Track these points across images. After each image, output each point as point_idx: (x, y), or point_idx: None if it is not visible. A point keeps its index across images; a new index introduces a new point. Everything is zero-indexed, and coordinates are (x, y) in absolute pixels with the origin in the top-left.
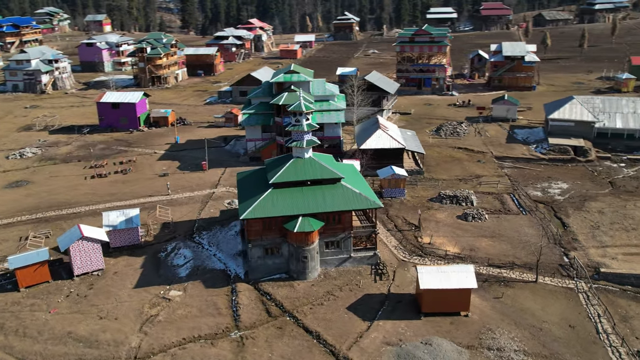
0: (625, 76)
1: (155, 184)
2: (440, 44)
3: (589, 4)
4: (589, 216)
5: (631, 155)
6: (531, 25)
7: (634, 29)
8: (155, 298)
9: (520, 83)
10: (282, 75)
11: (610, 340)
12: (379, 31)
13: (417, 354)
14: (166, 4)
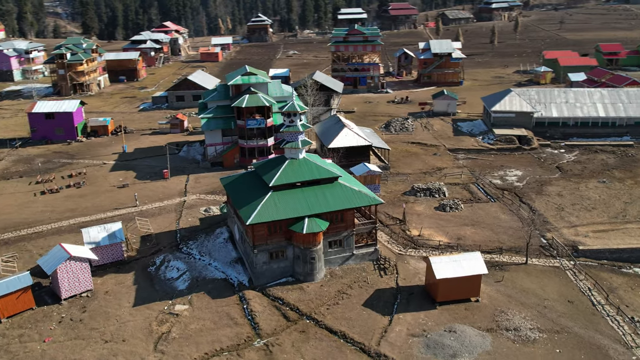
0: (543, 69)
1: (117, 196)
2: (373, 43)
3: (486, 3)
4: (551, 199)
5: (568, 142)
6: (441, 23)
7: (529, 25)
8: (161, 314)
9: (448, 79)
10: (239, 78)
11: (607, 311)
12: (291, 32)
13: (444, 342)
14: (54, 8)
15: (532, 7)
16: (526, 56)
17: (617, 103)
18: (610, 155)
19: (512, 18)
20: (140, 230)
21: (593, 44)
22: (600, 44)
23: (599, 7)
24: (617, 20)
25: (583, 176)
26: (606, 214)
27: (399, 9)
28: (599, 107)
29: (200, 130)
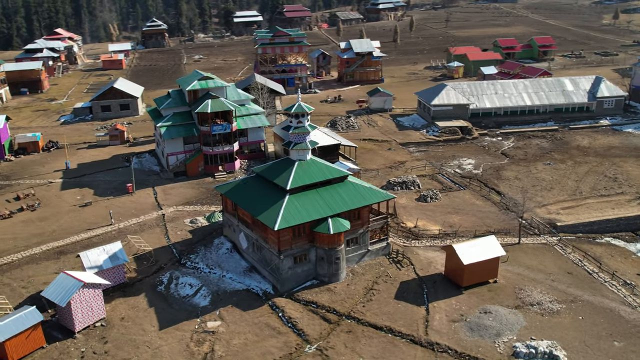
0: (455, 64)
1: (82, 216)
2: (299, 43)
3: (372, 4)
4: (512, 183)
5: (502, 130)
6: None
7: (418, 24)
8: (195, 334)
9: (370, 77)
10: (197, 83)
11: (602, 278)
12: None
13: (485, 323)
14: None
15: (412, 7)
16: (427, 53)
17: (539, 92)
18: (542, 139)
19: (397, 18)
20: (138, 249)
21: (481, 40)
22: (498, 39)
23: (472, 6)
24: (493, 18)
25: (528, 160)
26: (564, 192)
27: (293, 11)
28: (525, 96)
29: (142, 141)
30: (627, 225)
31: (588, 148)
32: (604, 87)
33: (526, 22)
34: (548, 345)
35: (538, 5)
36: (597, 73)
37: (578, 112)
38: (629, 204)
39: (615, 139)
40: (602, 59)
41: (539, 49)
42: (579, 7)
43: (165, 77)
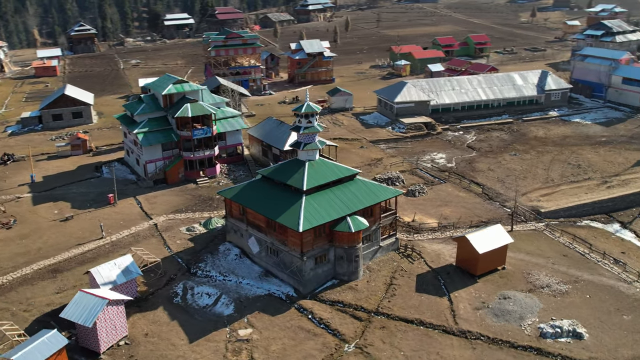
0: (403, 62)
1: (67, 231)
2: (253, 45)
3: (302, 5)
4: (487, 174)
5: (462, 124)
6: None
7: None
8: (229, 344)
9: (322, 77)
10: (172, 87)
11: (594, 258)
12: (117, 41)
13: (507, 308)
14: None
15: (339, 8)
16: (367, 52)
17: (492, 87)
18: (501, 132)
19: (327, 19)
20: (147, 261)
21: (414, 39)
22: (438, 38)
23: (396, 7)
24: (419, 17)
25: (495, 152)
26: (537, 180)
27: (225, 13)
28: (480, 91)
29: (105, 150)
30: (601, 208)
31: (545, 138)
32: (551, 80)
33: (452, 21)
34: (570, 324)
35: (458, 4)
36: (533, 67)
37: (529, 104)
38: (598, 189)
39: (567, 129)
40: (534, 54)
41: (475, 46)
42: (496, 6)
43: (107, 83)
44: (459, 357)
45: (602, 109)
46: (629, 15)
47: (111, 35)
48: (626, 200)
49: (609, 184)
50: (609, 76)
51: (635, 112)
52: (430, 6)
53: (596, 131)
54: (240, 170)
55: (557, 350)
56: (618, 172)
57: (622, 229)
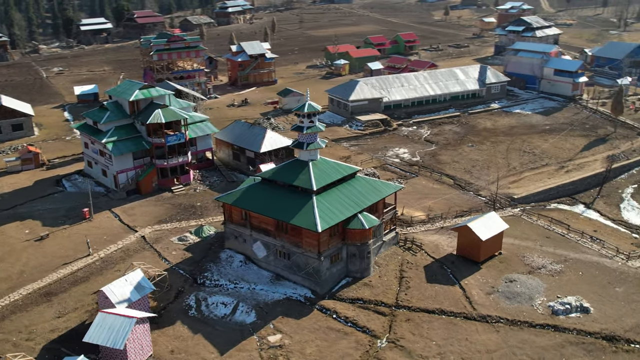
0: (342, 62)
1: (46, 251)
2: (196, 48)
3: (221, 7)
4: (453, 166)
5: (414, 120)
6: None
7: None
8: (263, 351)
9: (264, 78)
10: (139, 92)
11: (574, 237)
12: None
13: (515, 290)
14: None
15: (257, 10)
16: (299, 53)
17: (438, 82)
18: (452, 125)
19: (247, 21)
20: (154, 275)
21: (341, 39)
22: (370, 37)
23: (312, 7)
24: (338, 18)
25: (452, 144)
26: (501, 169)
27: (145, 17)
28: (427, 87)
29: (59, 162)
30: (565, 191)
31: (494, 129)
32: (490, 74)
33: (371, 21)
34: (575, 299)
35: (372, 4)
36: (461, 63)
37: (471, 98)
38: (558, 173)
39: (512, 120)
40: (460, 50)
41: (405, 44)
42: (408, 5)
43: (34, 93)
44: (487, 340)
45: (537, 99)
46: (534, 12)
47: (20, 43)
48: (584, 183)
49: (566, 168)
50: (541, 68)
51: (568, 101)
52: (346, 7)
53: (538, 120)
54: (214, 175)
55: (571, 325)
56: (570, 157)
57: (586, 210)
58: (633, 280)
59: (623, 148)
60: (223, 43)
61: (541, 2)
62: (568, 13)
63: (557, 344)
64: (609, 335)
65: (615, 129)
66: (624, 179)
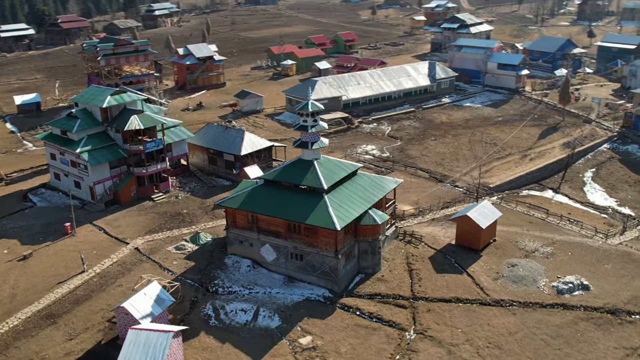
0: (290, 62)
1: (34, 270)
2: (145, 52)
3: (147, 11)
4: (423, 159)
5: (372, 117)
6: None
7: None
8: (298, 354)
9: (213, 81)
10: (111, 98)
11: (554, 221)
12: None
13: (519, 274)
14: None
15: (183, 12)
16: (238, 55)
17: (392, 79)
18: (410, 120)
19: (175, 24)
20: (167, 287)
21: (274, 40)
22: (311, 37)
23: (239, 10)
24: (268, 19)
25: (416, 139)
26: (469, 160)
27: (70, 22)
28: (382, 84)
29: (18, 177)
30: (533, 178)
31: (451, 123)
32: (439, 69)
33: (301, 21)
34: (575, 278)
35: (297, 5)
36: (401, 61)
37: (424, 93)
38: (523, 162)
39: (465, 113)
40: (399, 48)
41: (345, 43)
42: (333, 5)
43: None
44: (507, 323)
45: (484, 93)
46: (458, 10)
47: None
48: (549, 169)
49: (529, 157)
50: (485, 63)
51: (513, 93)
52: (272, 8)
53: (490, 113)
54: (192, 181)
55: (577, 302)
56: (530, 146)
57: (555, 194)
58: (617, 257)
59: (575, 135)
60: (155, 47)
61: (461, 1)
62: (487, 10)
63: (569, 321)
64: (612, 309)
65: (564, 118)
66: (582, 164)
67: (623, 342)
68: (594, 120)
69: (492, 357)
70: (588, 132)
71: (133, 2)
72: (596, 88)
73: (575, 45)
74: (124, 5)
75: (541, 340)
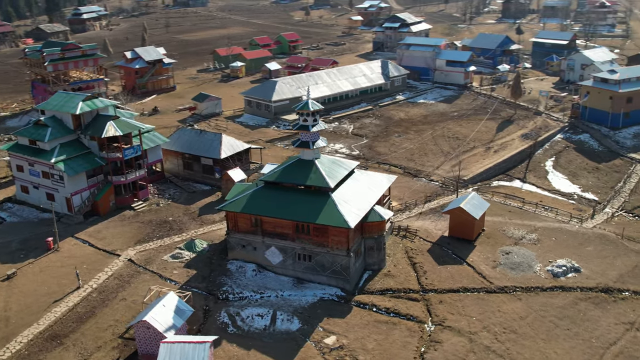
0: (239, 64)
1: (24, 290)
2: (94, 56)
3: (75, 14)
4: (393, 156)
5: (332, 116)
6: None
7: (128, 33)
8: (325, 355)
9: (163, 85)
10: (82, 105)
11: (530, 209)
12: None
13: (515, 261)
14: None
15: (111, 15)
16: (180, 58)
17: (348, 78)
18: (370, 118)
19: (105, 27)
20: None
21: (216, 42)
22: (256, 38)
23: (170, 12)
24: (201, 22)
25: (381, 136)
26: (438, 155)
27: None
28: (339, 84)
29: None
30: (500, 169)
31: (410, 119)
32: (392, 68)
33: (237, 23)
34: (566, 261)
35: (228, 7)
36: (347, 59)
37: (379, 91)
38: (487, 154)
39: (421, 110)
40: (342, 48)
41: (289, 44)
42: (264, 7)
43: None
44: (516, 308)
45: (434, 89)
46: (390, 10)
47: None
48: (513, 160)
49: (493, 149)
50: (434, 61)
51: (462, 89)
52: (203, 10)
53: (445, 108)
54: (170, 188)
55: (573, 284)
56: (491, 138)
57: (523, 184)
58: (595, 239)
59: (530, 127)
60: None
61: (389, 1)
62: (415, 10)
63: (571, 302)
64: (604, 288)
65: (515, 111)
66: (541, 154)
67: (621, 318)
68: (544, 112)
69: (510, 342)
70: (541, 123)
71: (57, 6)
72: (537, 82)
73: (513, 42)
74: (47, 9)
75: (550, 322)
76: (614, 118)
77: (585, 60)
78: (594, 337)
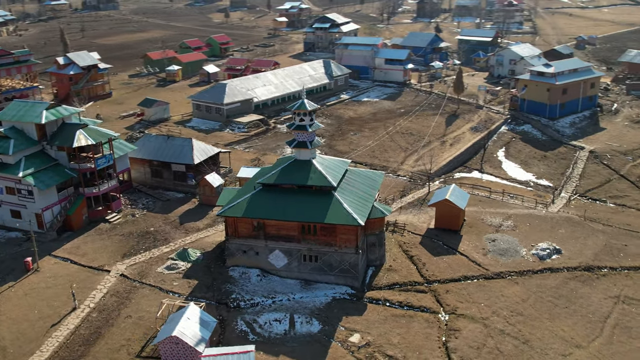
0: (176, 67)
1: (13, 315)
2: (27, 63)
3: None
4: (355, 153)
5: (283, 117)
6: None
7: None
8: (353, 354)
9: (99, 91)
10: (47, 113)
11: (497, 197)
12: None
13: (502, 247)
14: None
15: (18, 20)
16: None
17: (295, 79)
18: (319, 118)
19: (11, 32)
20: None
21: (138, 45)
22: (186, 41)
23: (82, 16)
24: (117, 25)
25: (336, 135)
26: (397, 150)
27: None
28: (287, 84)
29: None
30: (458, 162)
31: (360, 117)
32: (335, 67)
33: (156, 26)
34: (547, 244)
35: (142, 10)
36: (280, 61)
37: (323, 91)
38: (444, 147)
39: (368, 107)
40: (274, 49)
41: (220, 46)
42: (179, 9)
43: None
44: (516, 292)
45: (375, 87)
46: (310, 11)
47: None
48: (468, 152)
49: (448, 142)
50: (373, 59)
51: (402, 86)
52: (116, 13)
53: (390, 105)
54: (141, 197)
55: (558, 265)
56: (443, 133)
57: (482, 174)
58: (564, 222)
59: (476, 120)
60: None
61: (305, 1)
62: (332, 11)
63: (561, 282)
64: (586, 266)
65: (459, 105)
66: (491, 145)
67: (607, 293)
68: (484, 106)
69: (520, 324)
70: (485, 116)
71: None
72: (468, 77)
73: (441, 40)
74: None
75: (549, 302)
76: (552, 109)
77: (513, 55)
78: (590, 313)
